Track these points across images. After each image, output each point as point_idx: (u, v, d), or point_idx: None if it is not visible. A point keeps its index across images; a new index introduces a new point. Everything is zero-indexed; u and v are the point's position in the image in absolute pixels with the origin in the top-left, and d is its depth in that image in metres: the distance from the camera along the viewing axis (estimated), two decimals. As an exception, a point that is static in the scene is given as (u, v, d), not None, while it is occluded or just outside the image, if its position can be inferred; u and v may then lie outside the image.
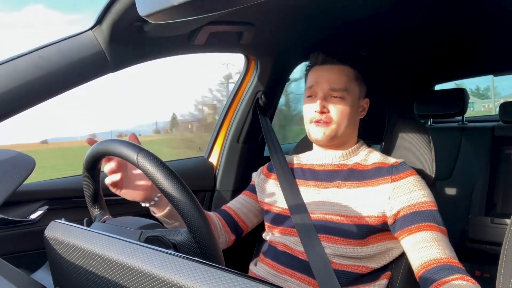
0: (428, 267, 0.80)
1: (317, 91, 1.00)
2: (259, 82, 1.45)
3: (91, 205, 0.75)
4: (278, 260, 0.98)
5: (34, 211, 1.10)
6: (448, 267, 0.79)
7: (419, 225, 0.86)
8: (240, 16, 1.10)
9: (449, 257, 0.81)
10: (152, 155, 0.58)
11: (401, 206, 0.89)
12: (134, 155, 0.58)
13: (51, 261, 0.61)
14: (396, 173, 0.94)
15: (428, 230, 0.85)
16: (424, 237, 0.84)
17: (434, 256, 0.81)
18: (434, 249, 0.82)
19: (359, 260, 0.91)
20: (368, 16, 1.24)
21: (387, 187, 0.92)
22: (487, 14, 1.32)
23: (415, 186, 0.91)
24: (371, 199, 0.92)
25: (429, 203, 0.89)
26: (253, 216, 1.13)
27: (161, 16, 0.50)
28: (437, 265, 0.80)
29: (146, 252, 0.45)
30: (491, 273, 1.94)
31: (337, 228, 0.92)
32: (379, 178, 0.94)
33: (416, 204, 0.89)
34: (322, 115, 0.99)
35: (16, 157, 0.68)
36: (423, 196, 0.90)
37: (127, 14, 0.84)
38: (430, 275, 0.79)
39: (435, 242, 0.83)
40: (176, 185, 0.56)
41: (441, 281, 0.76)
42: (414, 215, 0.87)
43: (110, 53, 0.92)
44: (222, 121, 1.53)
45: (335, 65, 1.02)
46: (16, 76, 0.81)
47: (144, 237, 0.62)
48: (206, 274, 0.39)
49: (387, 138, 1.14)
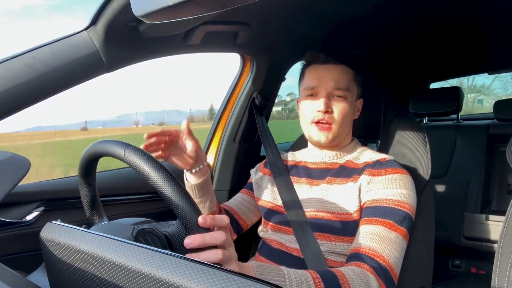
0: (350, 252, 0.83)
1: (320, 90, 0.99)
2: (255, 81, 1.45)
3: (89, 211, 0.75)
4: (273, 257, 0.98)
5: (29, 212, 1.10)
6: (361, 255, 0.79)
7: (373, 218, 0.85)
8: (235, 15, 1.10)
9: (371, 248, 0.80)
10: (138, 149, 0.59)
11: (367, 199, 0.90)
12: (121, 151, 0.59)
13: (47, 262, 0.61)
14: (378, 168, 0.93)
15: (379, 225, 0.84)
16: (371, 229, 0.84)
17: (359, 245, 0.82)
18: (369, 241, 0.81)
19: None
20: (363, 15, 1.25)
21: (364, 180, 0.92)
22: (482, 12, 1.33)
23: (390, 184, 0.90)
24: (355, 194, 0.92)
25: (398, 202, 0.87)
26: (252, 214, 1.13)
27: (156, 16, 0.50)
28: (354, 252, 0.81)
29: (142, 252, 0.45)
30: (486, 269, 1.96)
31: (328, 226, 0.92)
32: (363, 172, 0.94)
33: (380, 200, 0.88)
34: (325, 114, 0.97)
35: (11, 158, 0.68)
36: (394, 195, 0.88)
37: (122, 14, 0.84)
38: (347, 258, 0.83)
39: (376, 237, 0.82)
40: (164, 176, 0.55)
41: (346, 265, 0.80)
42: (374, 209, 0.87)
43: (105, 54, 0.92)
44: (218, 121, 1.53)
45: (337, 65, 1.01)
46: (10, 77, 0.80)
47: (137, 231, 0.62)
48: (203, 273, 0.39)
49: (383, 136, 1.15)
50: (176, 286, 0.40)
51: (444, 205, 2.04)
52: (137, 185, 1.32)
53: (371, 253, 0.79)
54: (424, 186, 1.03)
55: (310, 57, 1.05)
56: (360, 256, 0.79)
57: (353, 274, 0.73)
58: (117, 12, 0.84)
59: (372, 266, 0.77)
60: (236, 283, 0.37)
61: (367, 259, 0.78)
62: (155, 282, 0.42)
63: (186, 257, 0.43)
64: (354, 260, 0.80)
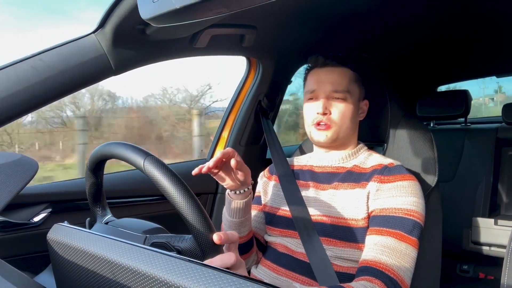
0: (360, 265, 0.82)
1: (319, 93, 1.01)
2: (261, 84, 1.45)
3: (93, 205, 0.75)
4: (278, 262, 0.98)
5: (37, 214, 1.10)
6: (372, 269, 0.79)
7: (382, 229, 0.85)
8: (242, 18, 1.10)
9: (381, 261, 0.80)
10: (159, 161, 0.58)
11: (375, 207, 0.89)
12: (141, 160, 0.58)
13: (54, 263, 0.61)
14: (386, 175, 0.93)
15: (389, 236, 0.84)
16: (381, 241, 0.84)
17: (370, 258, 0.81)
18: (379, 254, 0.81)
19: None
20: (370, 18, 1.24)
21: (373, 187, 0.91)
22: (490, 14, 1.32)
23: (399, 192, 0.89)
24: (362, 201, 0.92)
25: (407, 211, 0.86)
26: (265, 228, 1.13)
27: (163, 19, 0.50)
28: (364, 265, 0.81)
29: (149, 255, 0.45)
30: (495, 275, 1.93)
31: (334, 231, 0.92)
32: (371, 178, 0.94)
33: (389, 209, 0.87)
34: (324, 116, 0.99)
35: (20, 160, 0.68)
36: (403, 203, 0.87)
37: (129, 17, 0.85)
38: (357, 272, 0.83)
39: (387, 249, 0.82)
40: (183, 193, 0.56)
41: (356, 279, 0.80)
42: (382, 218, 0.87)
43: (113, 56, 0.93)
44: (224, 124, 1.53)
45: (336, 68, 1.02)
46: (17, 80, 0.81)
47: (149, 243, 0.62)
48: (209, 276, 0.39)
49: (389, 140, 1.14)
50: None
51: (452, 210, 2.02)
52: (142, 188, 1.32)
53: (382, 266, 0.79)
54: (431, 190, 1.02)
55: (311, 62, 1.07)
56: (370, 270, 0.79)
57: None
58: (125, 15, 0.85)
59: (383, 280, 0.77)
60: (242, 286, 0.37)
61: (377, 273, 0.78)
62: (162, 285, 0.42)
63: (196, 261, 0.43)
64: (365, 274, 0.79)
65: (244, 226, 0.97)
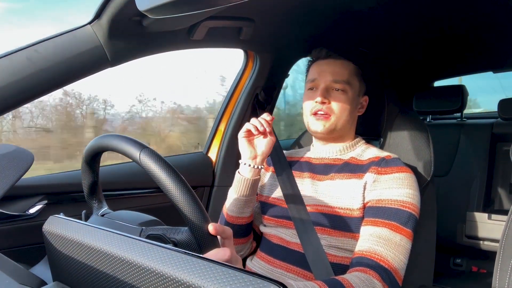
0: (354, 256, 0.83)
1: (319, 83, 1.01)
2: (258, 77, 1.45)
3: (89, 197, 0.75)
4: (273, 253, 0.99)
5: (33, 206, 1.10)
6: (367, 260, 0.80)
7: (377, 219, 0.86)
8: (239, 11, 1.10)
9: (376, 251, 0.81)
10: (155, 153, 0.58)
11: (371, 198, 0.90)
12: (137, 152, 0.58)
13: (50, 255, 0.61)
14: (383, 166, 0.93)
15: (384, 227, 0.84)
16: (376, 231, 0.84)
17: (364, 249, 0.82)
18: (374, 244, 0.82)
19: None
20: (367, 12, 1.24)
21: (370, 178, 0.92)
22: (486, 9, 1.32)
23: (395, 183, 0.90)
24: (359, 191, 0.92)
25: (403, 203, 0.87)
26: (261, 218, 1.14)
27: (160, 11, 0.50)
28: (359, 256, 0.82)
29: (145, 247, 0.46)
30: (487, 268, 1.95)
31: (329, 220, 0.93)
32: (368, 169, 0.95)
33: (385, 200, 0.88)
34: (323, 105, 0.99)
35: (15, 151, 0.68)
36: (399, 195, 0.88)
37: (126, 8, 0.84)
38: (351, 262, 0.84)
39: (381, 240, 0.82)
40: (179, 185, 0.56)
41: (351, 270, 0.81)
42: (378, 209, 0.87)
43: (109, 48, 0.92)
44: (221, 117, 1.53)
45: (338, 60, 1.03)
46: (12, 71, 0.80)
47: (145, 235, 0.62)
48: (205, 268, 0.39)
49: (385, 134, 1.14)
50: (178, 281, 0.40)
51: (446, 204, 2.03)
52: (139, 180, 1.32)
53: (376, 257, 0.80)
54: (426, 185, 1.03)
55: (314, 54, 1.07)
56: (365, 261, 0.80)
57: (360, 281, 0.74)
58: (122, 6, 0.84)
59: (377, 271, 0.77)
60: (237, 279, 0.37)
61: (372, 263, 0.79)
62: (158, 276, 0.42)
63: (192, 253, 0.43)
64: (359, 265, 0.80)
65: (248, 207, 1.01)
